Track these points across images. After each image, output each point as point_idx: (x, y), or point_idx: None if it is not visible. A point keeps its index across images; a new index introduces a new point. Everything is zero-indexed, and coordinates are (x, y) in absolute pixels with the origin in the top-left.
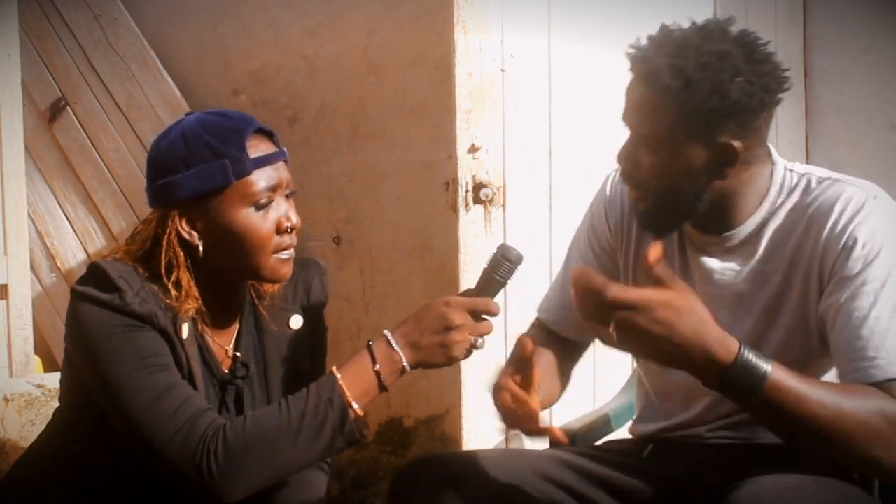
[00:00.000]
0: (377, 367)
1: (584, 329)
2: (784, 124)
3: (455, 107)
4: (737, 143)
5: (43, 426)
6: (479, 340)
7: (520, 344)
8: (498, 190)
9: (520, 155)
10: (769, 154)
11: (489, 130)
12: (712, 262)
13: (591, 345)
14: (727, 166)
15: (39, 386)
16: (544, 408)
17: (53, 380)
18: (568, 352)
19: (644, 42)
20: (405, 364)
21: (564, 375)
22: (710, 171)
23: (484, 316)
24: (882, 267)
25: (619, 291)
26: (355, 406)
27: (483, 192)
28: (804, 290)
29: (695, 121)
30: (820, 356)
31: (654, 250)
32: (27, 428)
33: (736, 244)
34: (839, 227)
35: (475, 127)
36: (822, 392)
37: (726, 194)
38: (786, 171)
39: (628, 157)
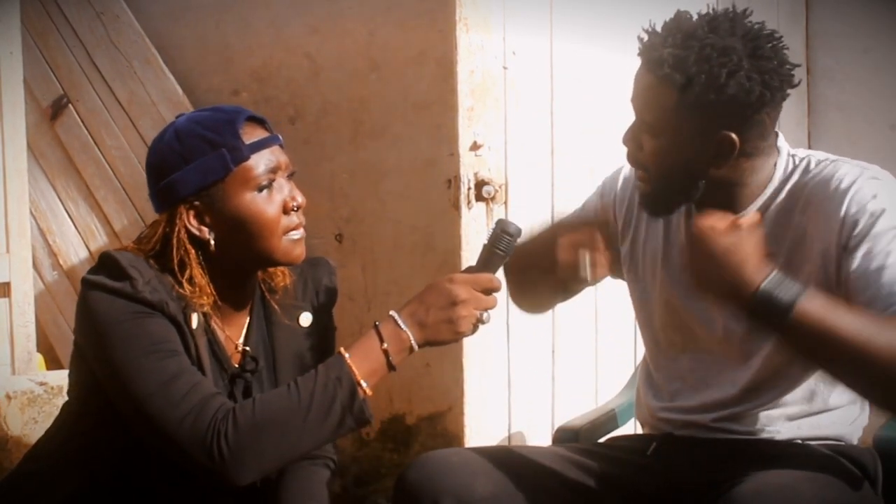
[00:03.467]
0: (385, 345)
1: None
2: (786, 122)
3: (457, 104)
4: (734, 137)
5: (45, 424)
6: (485, 315)
7: None
8: (500, 187)
9: (522, 152)
10: (775, 145)
11: (491, 128)
12: None
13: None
14: (724, 158)
15: (42, 383)
16: None
17: (56, 377)
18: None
19: (655, 28)
20: (413, 342)
21: None
22: (706, 161)
23: (488, 291)
24: (889, 222)
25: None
26: (364, 385)
27: (485, 189)
28: (807, 268)
29: (693, 112)
30: None
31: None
32: (29, 425)
33: None
34: (837, 196)
35: (477, 124)
36: (855, 320)
37: (728, 183)
38: (789, 158)
39: (632, 139)
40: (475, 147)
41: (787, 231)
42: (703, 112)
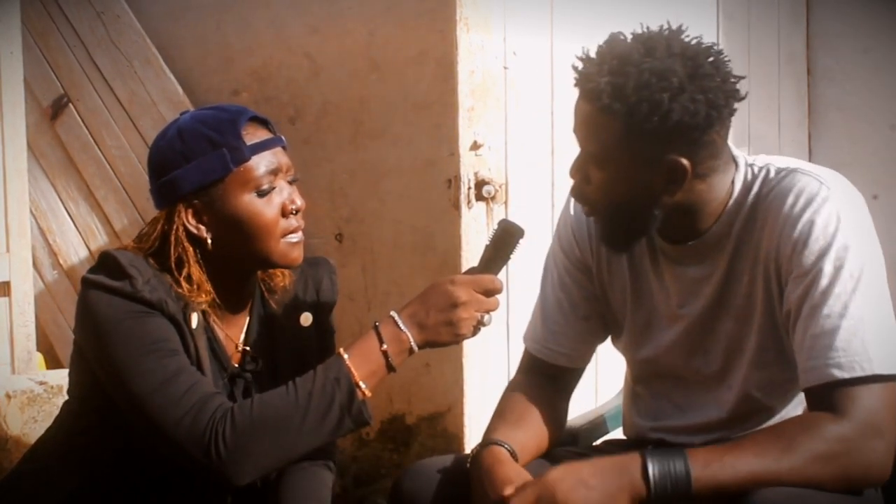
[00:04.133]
0: (384, 346)
1: (576, 354)
2: (787, 122)
3: (457, 104)
4: (685, 161)
5: (45, 423)
6: (486, 317)
7: None
8: (500, 187)
9: (522, 152)
10: (730, 160)
11: (491, 128)
12: (686, 271)
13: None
14: (677, 184)
15: (41, 383)
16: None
17: (55, 377)
18: (561, 383)
19: (589, 55)
20: (412, 344)
21: (557, 413)
22: (659, 189)
23: (489, 293)
24: (833, 261)
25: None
26: (363, 386)
27: (485, 189)
28: (766, 286)
29: (638, 140)
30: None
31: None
32: (29, 425)
33: (705, 250)
34: (790, 219)
35: (477, 124)
36: (750, 460)
37: (685, 207)
38: (747, 169)
39: (578, 171)
40: (475, 147)
41: (749, 247)
42: (648, 139)
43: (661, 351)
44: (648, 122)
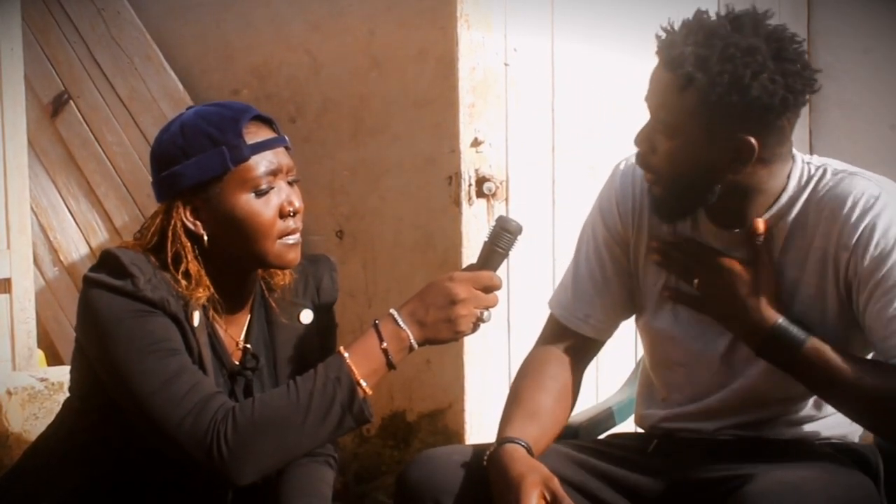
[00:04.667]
0: (384, 345)
1: (602, 326)
2: None
3: (458, 101)
4: (754, 141)
5: (46, 420)
6: (485, 314)
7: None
8: (501, 184)
9: (523, 149)
10: (790, 152)
11: (492, 125)
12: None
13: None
14: (742, 163)
15: (42, 380)
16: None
17: (56, 374)
18: (582, 352)
19: (674, 26)
20: (412, 341)
21: (576, 382)
22: (724, 165)
23: (488, 289)
24: None
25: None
26: (363, 384)
27: (486, 186)
28: (820, 281)
29: (714, 113)
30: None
31: (760, 224)
32: (30, 422)
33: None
34: (852, 220)
35: (478, 121)
36: (851, 362)
37: (742, 190)
38: (804, 166)
39: (645, 140)
40: (476, 144)
41: (800, 242)
42: (724, 114)
43: (684, 333)
44: (727, 95)
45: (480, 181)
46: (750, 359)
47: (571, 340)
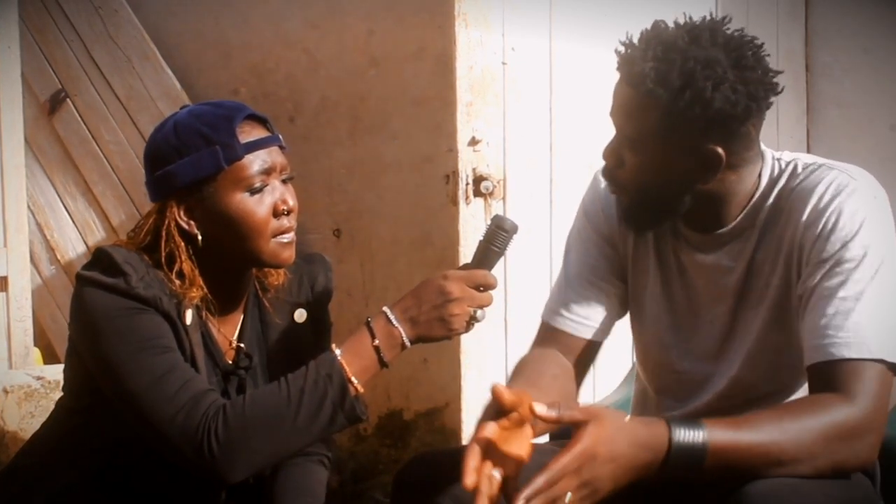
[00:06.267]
0: (376, 342)
1: (599, 326)
2: (785, 118)
3: (456, 100)
4: (721, 150)
5: (42, 418)
6: (479, 312)
7: (495, 393)
8: (498, 183)
9: (520, 148)
10: (759, 153)
11: (490, 123)
12: (707, 259)
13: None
14: (710, 173)
15: (39, 378)
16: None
17: (53, 372)
18: (579, 356)
19: (633, 40)
20: (405, 339)
21: (577, 384)
22: (692, 176)
23: (482, 288)
24: (857, 248)
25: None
26: (355, 382)
27: (483, 185)
28: (785, 273)
29: (678, 127)
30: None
31: (539, 408)
32: (27, 420)
33: (728, 239)
34: (818, 209)
35: (476, 120)
36: (767, 430)
37: (713, 197)
38: (774, 163)
39: (612, 154)
40: (474, 142)
41: (772, 238)
42: (688, 127)
43: (671, 334)
44: (690, 109)
45: (478, 180)
46: (737, 356)
47: (567, 344)
